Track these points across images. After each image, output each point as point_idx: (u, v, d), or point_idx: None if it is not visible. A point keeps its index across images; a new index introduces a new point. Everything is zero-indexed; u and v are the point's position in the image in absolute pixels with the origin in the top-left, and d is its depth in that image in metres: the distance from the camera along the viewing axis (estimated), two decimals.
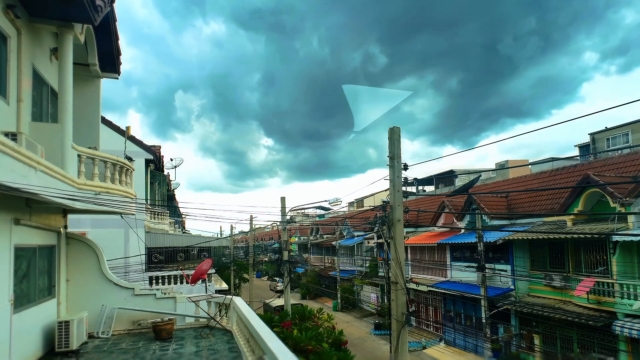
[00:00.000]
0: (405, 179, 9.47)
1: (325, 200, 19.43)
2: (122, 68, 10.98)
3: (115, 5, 9.08)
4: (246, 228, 58.07)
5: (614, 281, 14.95)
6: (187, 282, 17.75)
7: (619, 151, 24.52)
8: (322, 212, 39.84)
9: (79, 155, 7.89)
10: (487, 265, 20.07)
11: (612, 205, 15.17)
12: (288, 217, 23.58)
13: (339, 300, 36.60)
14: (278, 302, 26.36)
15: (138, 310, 10.10)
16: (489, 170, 35.32)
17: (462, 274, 22.62)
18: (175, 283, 18.79)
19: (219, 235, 43.79)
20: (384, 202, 13.84)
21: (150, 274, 18.69)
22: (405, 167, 9.45)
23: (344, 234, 39.58)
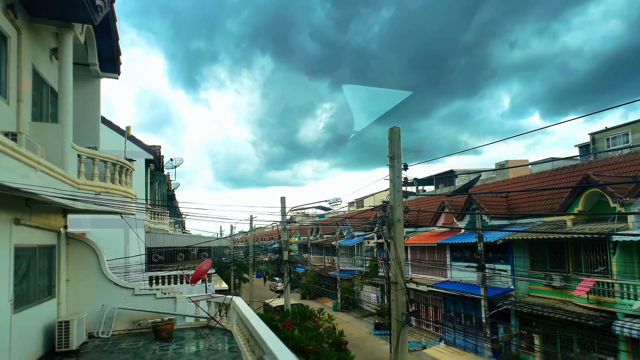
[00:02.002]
0: (405, 179, 9.47)
1: (325, 200, 19.45)
2: None
3: (115, 5, 9.08)
4: (246, 228, 58.11)
5: (614, 281, 14.95)
6: (187, 282, 17.74)
7: (619, 151, 24.51)
8: (322, 212, 39.83)
9: (79, 155, 7.89)
10: (487, 265, 20.06)
11: (612, 205, 15.16)
12: (288, 217, 23.58)
13: (339, 300, 36.59)
14: (278, 302, 26.35)
15: (138, 310, 10.10)
16: (489, 170, 35.33)
17: (462, 274, 22.61)
18: (175, 283, 18.79)
19: (219, 235, 43.80)
20: (384, 202, 13.84)
21: (150, 274, 18.68)
22: (406, 167, 9.46)
23: (344, 234, 39.57)
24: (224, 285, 23.31)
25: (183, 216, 32.77)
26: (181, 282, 18.79)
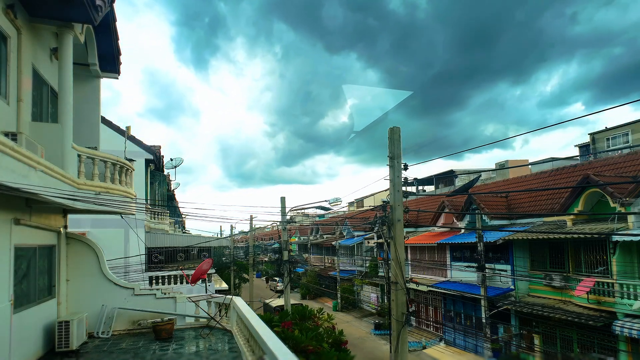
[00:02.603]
0: (405, 179, 9.47)
1: (325, 200, 19.44)
2: None
3: (115, 5, 9.09)
4: (246, 228, 58.11)
5: (614, 281, 14.95)
6: (187, 282, 17.75)
7: (619, 151, 24.52)
8: (322, 212, 39.83)
9: (79, 155, 7.88)
10: (487, 265, 20.07)
11: (612, 205, 15.16)
12: (288, 217, 23.59)
13: (339, 300, 36.60)
14: (278, 302, 26.35)
15: (138, 310, 10.10)
16: (489, 170, 35.33)
17: (462, 274, 22.61)
18: (175, 283, 18.79)
19: (219, 235, 43.80)
20: (384, 202, 13.84)
21: (150, 274, 18.69)
22: (406, 167, 9.46)
23: (344, 234, 39.57)
24: (224, 285, 23.32)
25: (183, 216, 32.76)
26: (181, 282, 18.80)
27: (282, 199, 19.62)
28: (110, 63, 10.58)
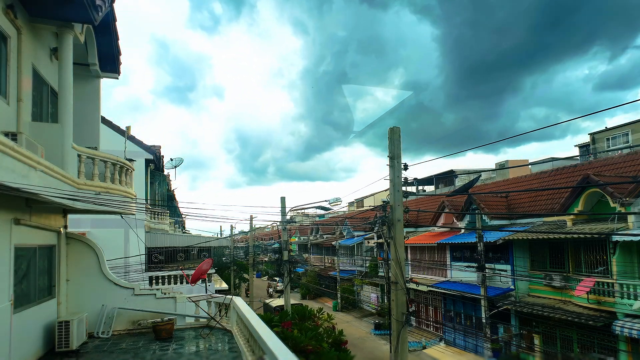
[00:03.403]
0: (405, 179, 9.47)
1: (325, 200, 19.43)
2: None
3: (115, 5, 9.09)
4: (246, 228, 58.11)
5: (614, 281, 14.95)
6: (187, 282, 17.75)
7: (619, 151, 24.52)
8: (322, 212, 39.81)
9: (79, 155, 7.88)
10: (487, 265, 20.06)
11: (612, 205, 15.16)
12: (288, 217, 23.60)
13: (339, 300, 36.59)
14: (278, 302, 26.35)
15: (138, 310, 10.10)
16: (489, 170, 35.33)
17: (462, 274, 22.61)
18: (175, 283, 18.79)
19: (219, 235, 43.79)
20: (384, 202, 13.84)
21: (150, 274, 18.69)
22: (406, 167, 9.46)
23: (344, 234, 39.57)
24: (224, 286, 23.32)
25: (183, 216, 32.75)
26: (181, 282, 18.79)
27: (282, 199, 19.64)
28: (111, 63, 10.59)
